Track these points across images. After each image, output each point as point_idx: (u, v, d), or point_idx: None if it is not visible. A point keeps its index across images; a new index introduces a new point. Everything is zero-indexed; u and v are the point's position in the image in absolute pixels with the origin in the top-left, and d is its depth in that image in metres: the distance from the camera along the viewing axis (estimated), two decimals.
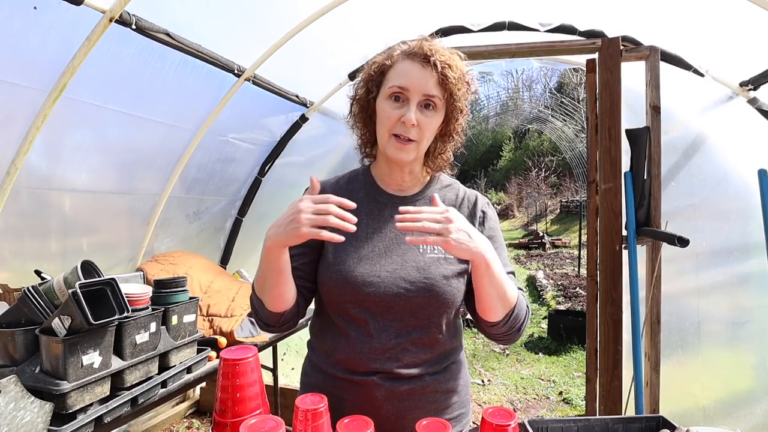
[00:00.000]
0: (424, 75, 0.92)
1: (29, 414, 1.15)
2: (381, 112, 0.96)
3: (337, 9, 2.26)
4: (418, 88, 0.92)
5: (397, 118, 0.92)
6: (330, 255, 0.99)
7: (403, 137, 0.93)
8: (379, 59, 0.99)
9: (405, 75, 0.93)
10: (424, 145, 0.97)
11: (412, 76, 0.92)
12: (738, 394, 2.25)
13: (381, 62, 0.98)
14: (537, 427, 0.93)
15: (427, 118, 0.94)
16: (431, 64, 0.91)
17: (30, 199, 1.90)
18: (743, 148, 2.27)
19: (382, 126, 0.96)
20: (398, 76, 0.94)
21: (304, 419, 0.79)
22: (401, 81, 0.93)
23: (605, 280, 2.16)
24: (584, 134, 9.56)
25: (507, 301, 0.90)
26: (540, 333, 5.32)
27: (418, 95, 0.92)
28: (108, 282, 1.35)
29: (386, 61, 0.97)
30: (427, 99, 0.93)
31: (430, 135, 0.97)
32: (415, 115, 0.91)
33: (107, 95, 1.95)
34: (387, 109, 0.94)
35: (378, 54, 1.00)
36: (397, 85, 0.93)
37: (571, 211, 16.87)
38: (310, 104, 3.08)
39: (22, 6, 1.48)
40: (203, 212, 3.01)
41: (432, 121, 0.95)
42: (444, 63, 0.92)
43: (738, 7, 1.72)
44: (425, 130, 0.94)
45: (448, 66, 0.92)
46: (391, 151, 0.95)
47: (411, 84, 0.92)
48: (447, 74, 0.92)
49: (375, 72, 0.98)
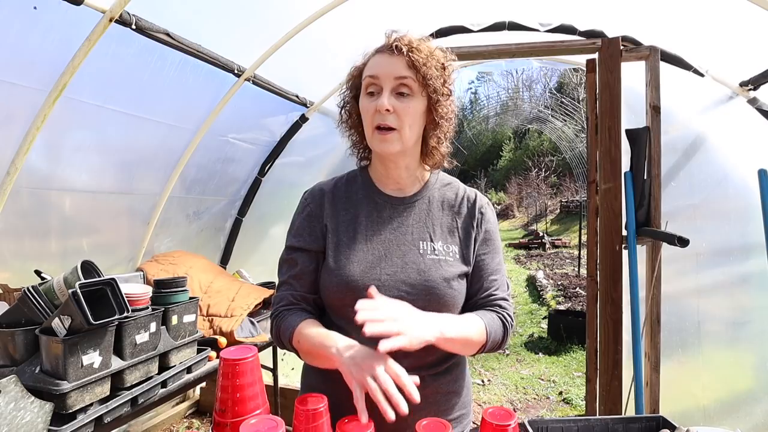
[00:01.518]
0: (392, 61, 0.93)
1: (29, 414, 1.15)
2: (362, 108, 0.97)
3: (337, 9, 2.26)
4: (387, 74, 0.93)
5: (374, 109, 0.93)
6: (331, 259, 0.98)
7: (383, 126, 0.93)
8: (358, 63, 1.01)
9: (375, 66, 0.95)
10: (406, 132, 0.94)
11: (381, 65, 0.94)
12: (738, 394, 2.25)
13: (359, 65, 1.00)
14: (537, 427, 0.93)
15: (403, 103, 0.93)
16: (397, 50, 0.93)
17: (30, 199, 1.90)
18: (743, 148, 2.26)
19: (365, 122, 0.97)
20: (369, 68, 0.96)
21: (304, 419, 0.79)
22: (371, 71, 0.94)
23: (605, 280, 2.16)
24: (584, 134, 9.55)
25: (475, 343, 0.94)
26: (540, 333, 5.32)
27: (389, 81, 0.93)
28: (108, 282, 1.35)
29: (363, 62, 0.99)
30: (400, 83, 0.93)
31: (413, 122, 0.95)
32: (388, 101, 0.91)
33: (107, 95, 1.95)
34: (365, 104, 0.95)
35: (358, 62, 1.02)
36: (369, 75, 0.94)
37: (571, 211, 16.87)
38: (310, 104, 3.08)
39: (22, 6, 1.48)
40: (203, 212, 3.01)
41: (410, 106, 0.93)
42: (410, 46, 0.93)
43: (738, 7, 1.72)
44: (403, 115, 0.93)
45: (415, 48, 0.93)
46: (375, 145, 0.96)
47: (380, 71, 0.93)
48: (413, 55, 0.92)
49: (354, 74, 1.00)
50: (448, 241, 1.00)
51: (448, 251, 0.99)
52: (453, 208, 1.04)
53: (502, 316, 1.00)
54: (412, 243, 0.99)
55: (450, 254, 0.99)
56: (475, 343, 0.93)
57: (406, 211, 1.02)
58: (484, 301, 1.01)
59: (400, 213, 1.02)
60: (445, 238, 1.01)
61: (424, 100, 0.96)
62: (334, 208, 1.03)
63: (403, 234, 1.00)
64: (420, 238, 0.99)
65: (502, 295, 1.02)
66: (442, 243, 1.00)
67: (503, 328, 0.99)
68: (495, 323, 0.98)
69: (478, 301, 1.02)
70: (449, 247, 1.00)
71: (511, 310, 1.03)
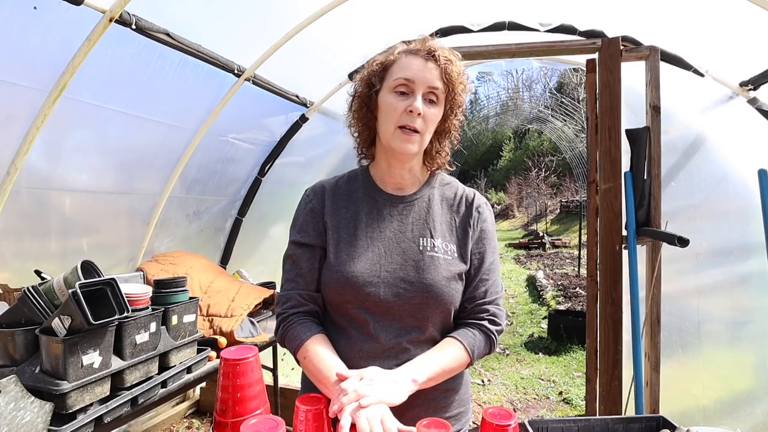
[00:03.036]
0: (428, 68, 0.95)
1: (29, 414, 1.15)
2: (386, 104, 0.97)
3: (337, 9, 2.26)
4: (422, 81, 0.94)
5: (404, 109, 0.94)
6: (331, 256, 0.99)
7: (410, 127, 0.95)
8: (380, 57, 1.01)
9: (410, 68, 0.95)
10: (426, 138, 0.99)
11: (417, 69, 0.95)
12: (738, 394, 2.25)
13: (383, 59, 1.00)
14: (537, 427, 0.93)
15: (431, 110, 0.96)
16: (434, 59, 0.95)
17: (30, 199, 1.90)
18: (743, 148, 2.26)
19: (388, 119, 0.97)
20: (403, 69, 0.96)
21: (304, 419, 0.79)
22: (407, 73, 0.95)
23: (605, 280, 2.16)
24: (584, 134, 9.56)
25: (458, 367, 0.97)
26: (540, 333, 5.32)
27: (423, 87, 0.95)
28: (108, 282, 1.35)
29: (389, 57, 0.99)
30: (431, 92, 0.96)
31: (432, 129, 0.99)
32: (422, 106, 0.94)
33: (107, 95, 1.95)
34: (393, 102, 0.96)
35: (378, 54, 1.02)
36: (403, 77, 0.95)
37: (571, 211, 16.87)
38: (310, 104, 3.08)
39: (22, 6, 1.48)
40: (203, 212, 3.01)
41: (435, 115, 0.98)
42: (446, 59, 0.96)
43: (738, 7, 1.72)
44: (429, 122, 0.97)
45: (450, 61, 0.96)
46: (396, 143, 0.96)
47: (416, 76, 0.94)
48: (449, 69, 0.96)
49: (377, 68, 1.00)
50: (447, 239, 1.01)
51: (447, 249, 1.00)
52: (452, 207, 1.05)
53: (484, 327, 1.00)
54: (412, 240, 0.99)
55: (449, 252, 0.99)
56: (457, 367, 0.96)
57: (407, 209, 1.03)
58: (470, 306, 1.01)
59: (400, 211, 1.03)
60: (444, 236, 1.01)
61: (443, 110, 1.00)
62: (335, 205, 1.03)
63: (403, 232, 1.00)
64: (420, 234, 1.00)
65: (490, 298, 1.02)
66: (442, 240, 1.00)
67: (487, 338, 1.00)
68: (476, 339, 0.98)
69: (465, 306, 1.02)
70: (448, 245, 1.00)
71: (501, 312, 1.03)
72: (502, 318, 1.03)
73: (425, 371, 0.91)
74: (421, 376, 0.90)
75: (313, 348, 0.94)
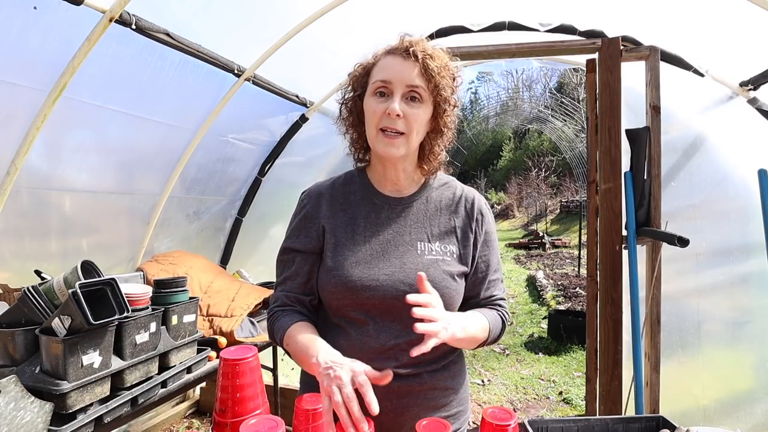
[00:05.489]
0: (406, 66, 0.92)
1: (29, 414, 1.15)
2: (367, 108, 0.96)
3: (337, 9, 2.26)
4: (400, 79, 0.92)
5: (383, 111, 0.92)
6: (329, 260, 0.99)
7: (391, 130, 0.93)
8: (363, 61, 1.00)
9: (387, 68, 0.94)
10: (413, 138, 0.95)
11: (394, 69, 0.93)
12: (738, 394, 2.25)
13: (365, 63, 0.99)
14: (537, 427, 0.93)
15: (413, 109, 0.93)
16: (412, 56, 0.92)
17: (30, 199, 1.90)
18: (743, 148, 2.26)
19: (369, 122, 0.96)
20: (381, 70, 0.95)
21: (304, 419, 0.79)
22: (383, 74, 0.94)
23: (605, 280, 2.16)
24: (584, 134, 9.55)
25: (479, 339, 0.98)
26: (540, 333, 5.32)
27: (401, 87, 0.92)
28: (108, 282, 1.35)
29: (370, 61, 0.98)
30: (412, 90, 0.93)
31: (419, 128, 0.96)
32: (400, 106, 0.91)
33: (107, 95, 1.95)
34: (372, 105, 0.94)
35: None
36: (380, 79, 0.93)
37: (571, 211, 16.87)
38: (310, 104, 3.08)
39: (22, 6, 1.48)
40: (203, 212, 3.01)
41: (419, 114, 0.94)
42: (425, 54, 0.93)
43: (738, 7, 1.72)
44: (412, 121, 0.93)
45: (429, 56, 0.93)
46: (380, 147, 0.95)
47: (393, 76, 0.92)
48: (428, 64, 0.92)
49: (360, 72, 0.99)
50: (445, 242, 1.01)
51: (446, 251, 1.00)
52: (451, 209, 1.05)
53: (502, 314, 1.05)
54: (410, 243, 0.99)
55: (448, 254, 1.00)
56: (478, 339, 0.97)
57: (404, 211, 1.03)
58: (486, 301, 1.06)
59: (398, 214, 1.02)
60: (442, 239, 1.01)
61: (432, 108, 0.97)
62: (332, 209, 1.03)
63: (401, 234, 1.00)
64: (418, 238, 1.00)
65: (501, 295, 1.07)
66: (440, 243, 1.00)
67: (502, 325, 1.05)
68: (496, 321, 1.03)
69: (480, 302, 1.05)
70: (447, 247, 1.00)
71: (508, 308, 1.09)
72: (508, 317, 1.09)
73: (470, 328, 0.92)
74: (469, 329, 0.91)
75: (296, 332, 0.94)
